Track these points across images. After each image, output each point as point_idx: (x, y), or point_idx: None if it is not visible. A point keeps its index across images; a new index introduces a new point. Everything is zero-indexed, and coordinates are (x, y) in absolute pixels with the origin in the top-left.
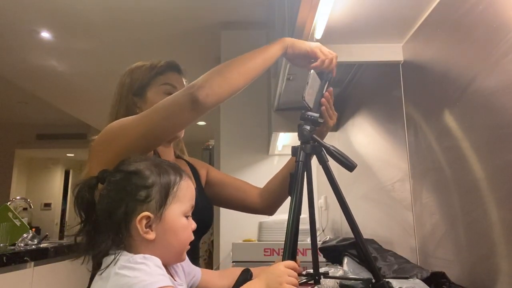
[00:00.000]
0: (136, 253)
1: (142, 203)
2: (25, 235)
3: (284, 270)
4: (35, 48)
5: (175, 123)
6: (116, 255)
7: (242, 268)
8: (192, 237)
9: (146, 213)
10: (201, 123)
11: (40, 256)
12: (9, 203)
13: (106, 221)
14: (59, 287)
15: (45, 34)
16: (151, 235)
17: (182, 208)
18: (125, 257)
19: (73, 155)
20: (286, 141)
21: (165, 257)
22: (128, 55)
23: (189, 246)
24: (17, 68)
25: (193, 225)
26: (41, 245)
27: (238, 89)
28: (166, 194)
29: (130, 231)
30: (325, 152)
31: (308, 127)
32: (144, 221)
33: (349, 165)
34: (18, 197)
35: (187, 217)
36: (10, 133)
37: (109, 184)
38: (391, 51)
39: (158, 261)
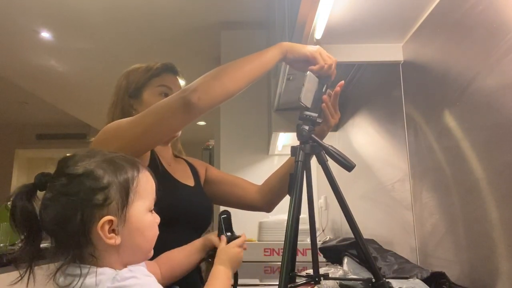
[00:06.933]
0: (101, 263)
1: (101, 207)
2: None
3: (239, 250)
4: (35, 48)
5: (169, 126)
6: (86, 274)
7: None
8: (158, 232)
9: (108, 217)
10: (201, 123)
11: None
12: (9, 203)
13: (59, 234)
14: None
15: (45, 34)
16: (117, 240)
17: (146, 204)
18: (105, 276)
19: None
20: (286, 141)
21: (133, 259)
22: (128, 55)
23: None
24: (17, 68)
25: (157, 218)
26: (41, 245)
27: (233, 93)
28: (126, 192)
29: (90, 240)
30: (324, 152)
31: (307, 127)
32: (107, 226)
33: (348, 165)
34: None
35: (151, 211)
36: (10, 133)
37: (54, 191)
38: (391, 51)
39: (144, 270)
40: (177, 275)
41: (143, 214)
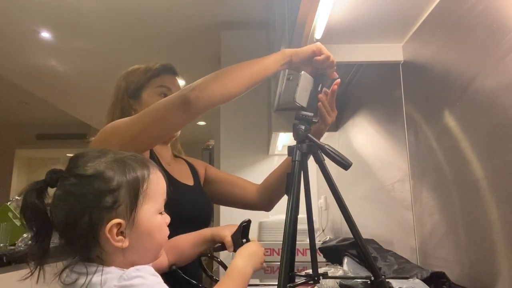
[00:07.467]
0: (107, 263)
1: (109, 210)
2: (25, 235)
3: (259, 248)
4: (35, 48)
5: (167, 125)
6: (94, 273)
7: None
8: (168, 232)
9: (117, 220)
10: (201, 123)
11: None
12: (9, 203)
13: (67, 233)
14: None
15: (45, 34)
16: (125, 243)
17: (155, 207)
18: (112, 275)
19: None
20: (286, 141)
21: (140, 260)
22: (128, 55)
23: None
24: (17, 68)
25: (167, 219)
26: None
27: (232, 95)
28: (136, 194)
29: (98, 241)
30: (321, 151)
31: (303, 127)
32: (115, 229)
33: (344, 164)
34: (18, 197)
35: (161, 213)
36: (10, 133)
37: (64, 190)
38: (391, 51)
39: (151, 269)
40: (182, 261)
41: (152, 216)
